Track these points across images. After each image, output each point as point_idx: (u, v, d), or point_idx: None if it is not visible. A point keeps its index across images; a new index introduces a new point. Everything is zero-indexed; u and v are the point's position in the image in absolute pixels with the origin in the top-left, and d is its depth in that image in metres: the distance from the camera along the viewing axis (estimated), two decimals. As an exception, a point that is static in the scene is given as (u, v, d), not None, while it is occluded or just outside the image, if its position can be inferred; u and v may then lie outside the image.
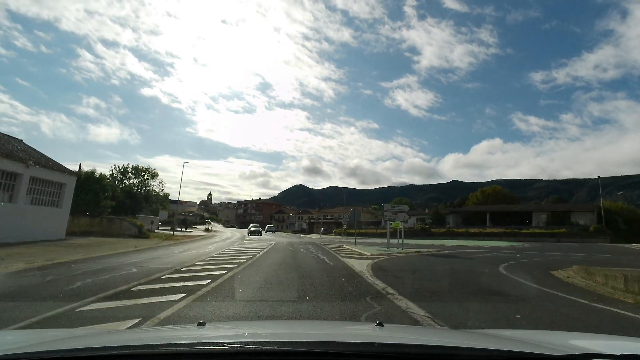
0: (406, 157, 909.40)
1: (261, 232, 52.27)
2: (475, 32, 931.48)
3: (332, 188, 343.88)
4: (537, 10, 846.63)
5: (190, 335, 1.82)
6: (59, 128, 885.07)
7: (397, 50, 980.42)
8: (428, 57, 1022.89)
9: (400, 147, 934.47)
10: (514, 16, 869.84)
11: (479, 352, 1.41)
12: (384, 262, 13.88)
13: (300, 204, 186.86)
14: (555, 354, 1.32)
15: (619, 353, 1.42)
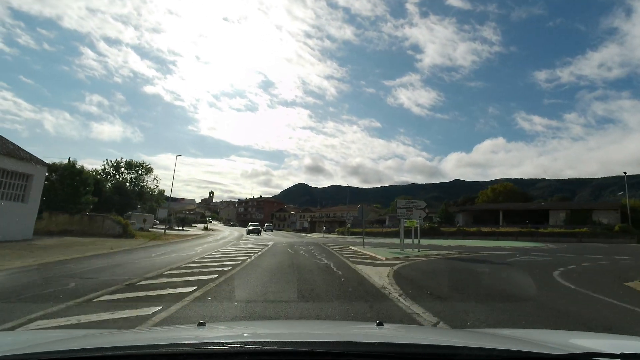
0: (408, 156, 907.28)
1: (260, 231, 50.58)
2: (479, 29, 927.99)
3: (334, 187, 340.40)
4: (542, 7, 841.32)
5: (190, 336, 1.77)
6: (62, 125, 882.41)
7: (400, 48, 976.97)
8: (431, 55, 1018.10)
9: (402, 146, 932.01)
10: (517, 13, 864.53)
11: (479, 351, 1.37)
12: (407, 270, 10.97)
13: (301, 203, 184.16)
14: (556, 353, 1.29)
15: (619, 352, 1.38)
